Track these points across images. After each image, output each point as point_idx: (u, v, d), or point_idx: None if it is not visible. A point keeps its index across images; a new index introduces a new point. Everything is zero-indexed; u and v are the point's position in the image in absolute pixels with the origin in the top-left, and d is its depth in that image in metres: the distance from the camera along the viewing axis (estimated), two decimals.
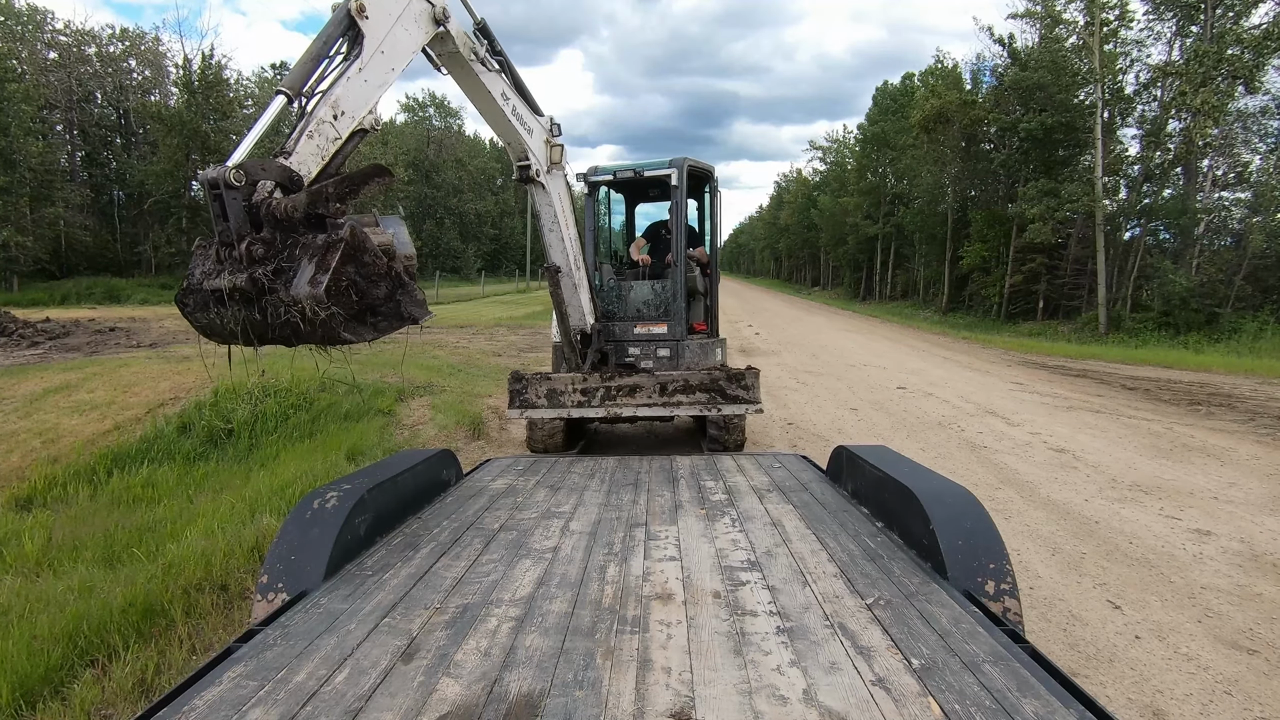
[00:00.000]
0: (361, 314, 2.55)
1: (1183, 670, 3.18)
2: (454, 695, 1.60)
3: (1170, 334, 18.79)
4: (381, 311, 2.63)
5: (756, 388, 5.17)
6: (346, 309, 2.43)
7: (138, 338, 14.98)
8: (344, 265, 2.39)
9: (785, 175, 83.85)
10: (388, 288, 2.61)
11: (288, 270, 2.41)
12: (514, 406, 5.33)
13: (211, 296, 2.52)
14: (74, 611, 3.55)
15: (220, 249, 2.48)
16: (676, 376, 5.13)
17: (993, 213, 27.50)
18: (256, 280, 2.38)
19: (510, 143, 4.48)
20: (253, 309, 2.45)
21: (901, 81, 39.65)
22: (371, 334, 2.61)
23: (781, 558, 2.52)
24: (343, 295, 2.40)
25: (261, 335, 2.55)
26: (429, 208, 56.07)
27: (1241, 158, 21.19)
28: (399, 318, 2.68)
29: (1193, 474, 6.19)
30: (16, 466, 6.97)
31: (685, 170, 6.17)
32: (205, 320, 2.60)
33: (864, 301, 43.12)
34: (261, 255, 2.41)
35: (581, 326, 5.64)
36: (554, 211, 4.96)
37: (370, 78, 2.96)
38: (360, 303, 2.51)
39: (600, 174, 6.64)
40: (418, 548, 2.69)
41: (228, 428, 7.51)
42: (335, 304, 2.36)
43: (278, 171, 2.54)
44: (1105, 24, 21.50)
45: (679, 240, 6.20)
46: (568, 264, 5.20)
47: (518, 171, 4.70)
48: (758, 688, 1.62)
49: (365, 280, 2.50)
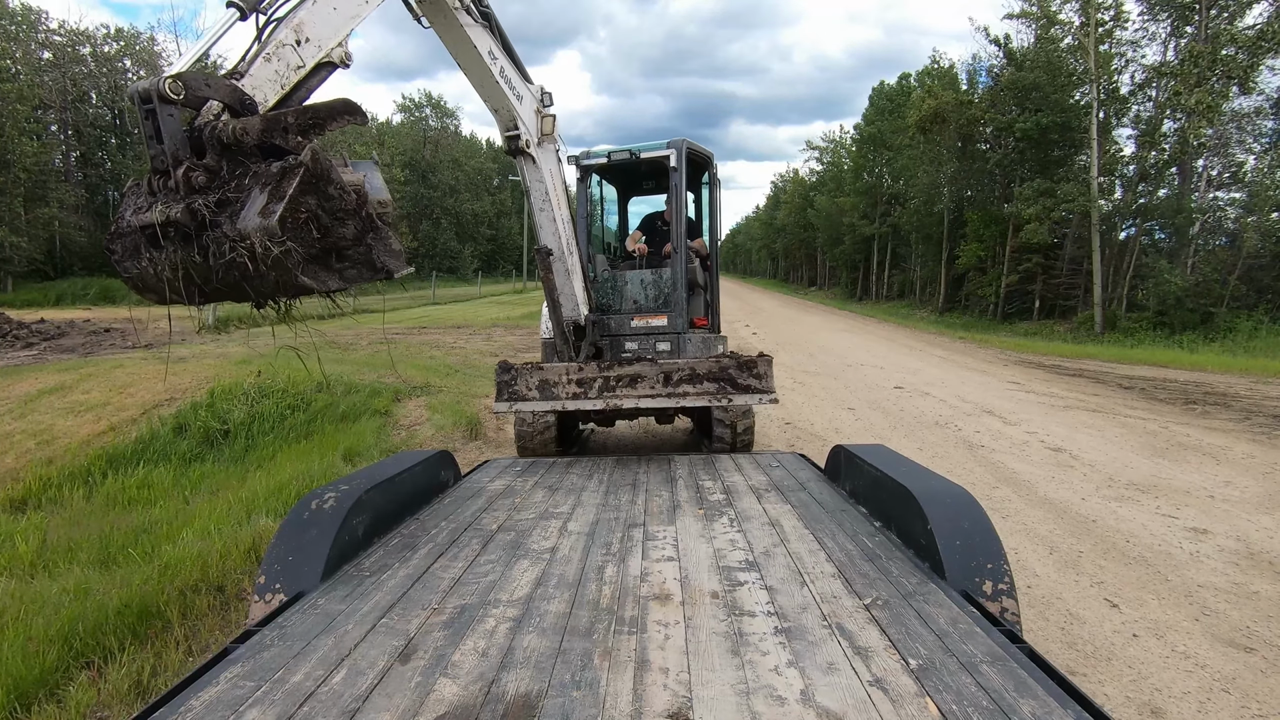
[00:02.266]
0: (324, 256, 2.20)
1: (1180, 668, 3.19)
2: (451, 696, 1.60)
3: (1165, 333, 18.85)
4: (349, 257, 2.29)
5: (770, 376, 4.69)
6: (305, 247, 2.09)
7: (133, 338, 14.93)
8: (303, 194, 2.06)
9: (782, 175, 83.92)
10: (357, 228, 2.27)
11: (234, 203, 2.07)
12: (502, 399, 4.82)
13: (144, 237, 2.14)
14: (69, 613, 3.54)
15: (154, 178, 2.11)
16: (682, 365, 4.65)
17: (989, 213, 27.57)
18: (195, 212, 2.02)
19: (498, 109, 4.18)
20: (191, 249, 2.08)
21: (898, 82, 39.71)
22: (337, 282, 2.27)
23: (779, 558, 2.52)
24: (301, 230, 2.07)
25: (204, 284, 2.16)
26: (425, 208, 55.98)
27: (1236, 158, 21.29)
28: (370, 267, 2.35)
29: (1189, 473, 6.21)
30: (11, 468, 6.94)
31: (685, 152, 5.81)
32: (137, 270, 2.22)
33: (861, 301, 43.18)
34: (203, 184, 2.07)
35: (575, 317, 5.25)
36: (545, 188, 4.63)
37: (340, 6, 2.70)
38: (323, 242, 2.17)
39: (593, 158, 6.23)
40: (415, 548, 2.69)
41: (224, 428, 7.49)
42: (292, 240, 2.03)
43: (226, 92, 2.17)
44: (1100, 24, 21.57)
45: (679, 226, 5.81)
46: (560, 247, 4.88)
47: (506, 142, 4.39)
48: (755, 688, 1.62)
49: (329, 216, 2.16)
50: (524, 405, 4.85)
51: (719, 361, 4.70)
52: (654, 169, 6.30)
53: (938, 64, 34.01)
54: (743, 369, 4.65)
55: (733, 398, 4.65)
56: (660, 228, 6.46)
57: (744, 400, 4.68)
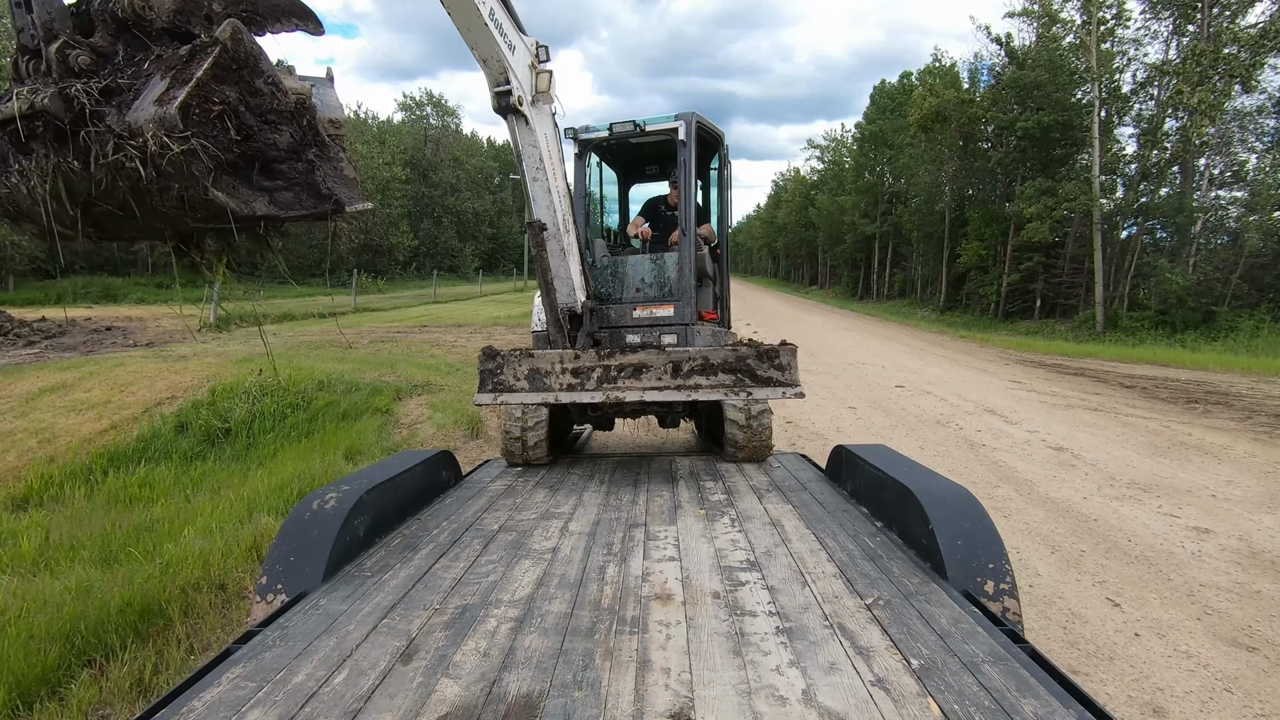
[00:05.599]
0: (246, 167, 1.73)
1: (1182, 668, 3.19)
2: (453, 696, 1.60)
3: (1167, 332, 18.85)
4: (284, 175, 1.81)
5: (794, 367, 4.12)
6: (221, 150, 1.62)
7: (134, 337, 14.93)
8: (217, 82, 1.60)
9: (783, 174, 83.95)
10: (294, 137, 1.81)
11: (126, 92, 1.61)
12: (486, 390, 4.15)
13: (7, 139, 1.64)
14: (71, 611, 3.54)
15: (20, 59, 1.62)
16: (694, 353, 4.06)
17: (990, 211, 27.55)
18: (71, 99, 1.54)
19: (487, 58, 3.69)
20: (67, 151, 1.59)
21: (899, 80, 39.70)
22: (267, 204, 1.76)
23: (781, 558, 2.51)
24: (213, 127, 1.60)
25: (89, 205, 1.66)
26: (426, 206, 55.99)
27: (1238, 156, 21.29)
28: (313, 192, 1.87)
29: (1190, 472, 6.20)
30: (13, 466, 6.95)
31: (694, 125, 5.20)
32: (5, 189, 1.71)
33: (862, 300, 43.16)
34: (87, 66, 1.61)
35: (571, 304, 4.66)
36: (539, 154, 4.10)
37: None
38: (246, 148, 1.71)
39: (593, 131, 5.52)
40: (417, 549, 2.69)
41: (225, 427, 7.49)
42: (199, 137, 1.57)
43: None
44: (1102, 23, 21.54)
45: (687, 207, 5.17)
46: (555, 222, 4.34)
47: (495, 99, 3.83)
48: (757, 688, 1.61)
49: (255, 116, 1.70)
50: (511, 397, 4.15)
51: (736, 350, 4.13)
52: (659, 151, 5.86)
53: (939, 63, 34.03)
54: (763, 359, 4.11)
55: (751, 391, 4.06)
56: (664, 213, 5.93)
57: (765, 394, 4.11)
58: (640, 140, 5.49)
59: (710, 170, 6.09)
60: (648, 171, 6.72)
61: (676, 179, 5.50)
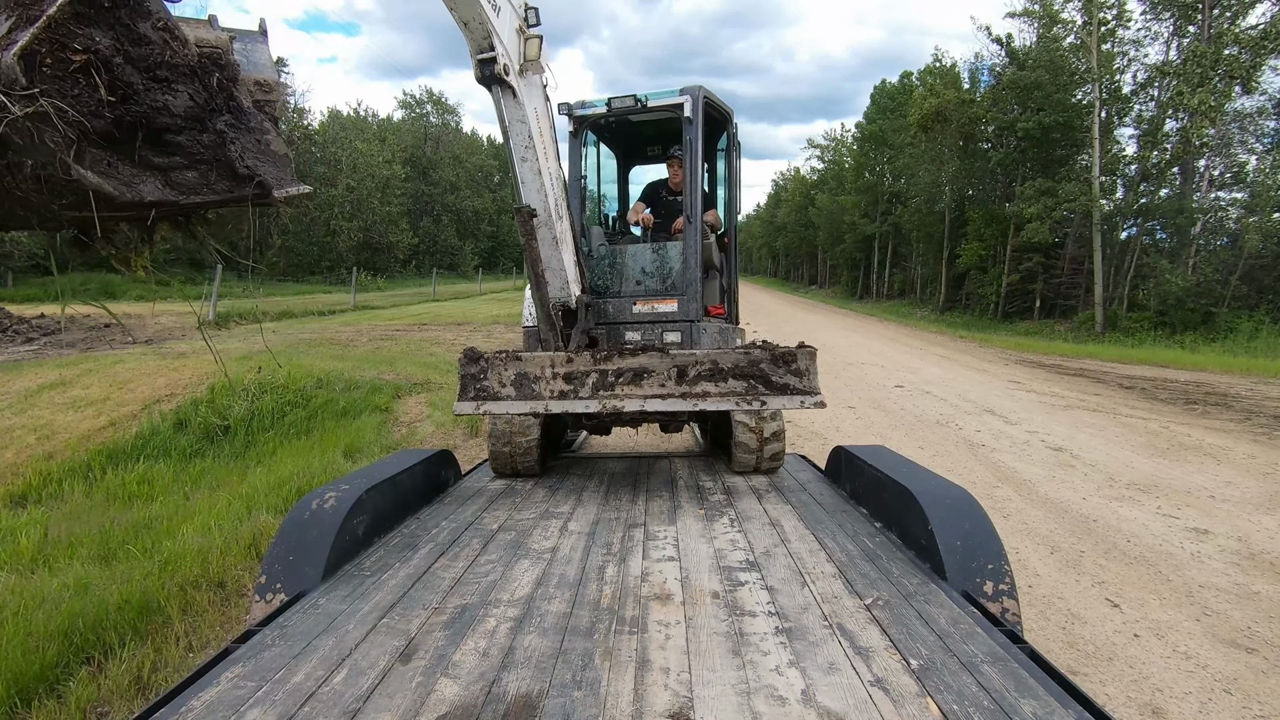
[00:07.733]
0: (128, 138, 1.36)
1: (1181, 668, 3.19)
2: (452, 696, 1.60)
3: (1166, 333, 18.87)
4: (185, 150, 1.44)
5: (814, 374, 3.70)
6: (87, 114, 1.26)
7: (133, 334, 14.92)
8: (79, 24, 1.24)
9: (783, 174, 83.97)
10: (197, 100, 1.43)
11: None
12: (467, 399, 3.74)
13: None
14: (69, 609, 3.54)
15: None
16: (701, 357, 3.60)
17: (990, 212, 27.57)
18: None
19: (468, 20, 3.23)
20: None
21: (900, 80, 39.69)
22: (159, 187, 1.41)
23: (780, 558, 2.52)
24: (74, 83, 1.25)
25: None
26: (426, 204, 55.97)
27: (1238, 158, 21.30)
28: (227, 172, 1.50)
29: (1190, 473, 6.21)
30: (11, 463, 6.94)
31: (701, 101, 4.71)
32: None
33: (861, 300, 43.17)
34: None
35: (564, 298, 4.20)
36: (527, 130, 3.64)
37: None
38: (126, 111, 1.34)
39: (589, 107, 4.99)
40: (416, 548, 2.68)
41: (224, 424, 7.48)
42: (51, 96, 1.21)
43: None
44: (1103, 24, 21.54)
45: (693, 192, 4.68)
46: (546, 207, 3.88)
47: (478, 68, 3.37)
48: (756, 688, 1.61)
49: (139, 70, 1.33)
50: (495, 406, 3.68)
51: (748, 354, 3.67)
52: (662, 130, 5.45)
53: (940, 63, 34.06)
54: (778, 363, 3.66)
55: (766, 400, 3.57)
56: (666, 199, 5.44)
57: (781, 403, 3.62)
58: (642, 117, 5.02)
59: (718, 151, 5.58)
60: (649, 152, 6.21)
61: (678, 156, 5.10)
